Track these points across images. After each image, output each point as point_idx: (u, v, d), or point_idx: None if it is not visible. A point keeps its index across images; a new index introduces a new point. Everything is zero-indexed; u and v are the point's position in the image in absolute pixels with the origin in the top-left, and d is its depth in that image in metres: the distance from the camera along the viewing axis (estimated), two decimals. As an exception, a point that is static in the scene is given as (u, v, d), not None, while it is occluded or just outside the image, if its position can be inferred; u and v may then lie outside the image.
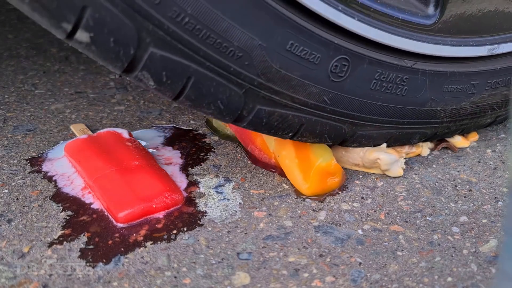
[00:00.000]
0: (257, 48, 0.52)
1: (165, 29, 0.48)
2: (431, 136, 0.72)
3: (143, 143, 0.71)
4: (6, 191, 0.63)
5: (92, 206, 0.61)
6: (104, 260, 0.53)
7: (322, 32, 0.56)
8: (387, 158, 0.67)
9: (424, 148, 0.74)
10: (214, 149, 0.73)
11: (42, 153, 0.71)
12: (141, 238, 0.56)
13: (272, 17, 0.52)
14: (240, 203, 0.63)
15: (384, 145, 0.68)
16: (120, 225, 0.58)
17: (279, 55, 0.54)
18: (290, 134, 0.60)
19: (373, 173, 0.70)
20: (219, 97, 0.53)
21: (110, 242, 0.56)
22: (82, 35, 0.44)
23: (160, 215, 0.60)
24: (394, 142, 0.69)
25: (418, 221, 0.61)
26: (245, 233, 0.58)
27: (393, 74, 0.62)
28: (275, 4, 0.52)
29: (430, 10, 0.63)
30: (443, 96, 0.67)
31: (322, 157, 0.64)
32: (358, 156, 0.68)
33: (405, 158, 0.71)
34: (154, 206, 0.60)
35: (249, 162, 0.70)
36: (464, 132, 0.76)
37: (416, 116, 0.67)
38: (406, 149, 0.71)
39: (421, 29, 0.63)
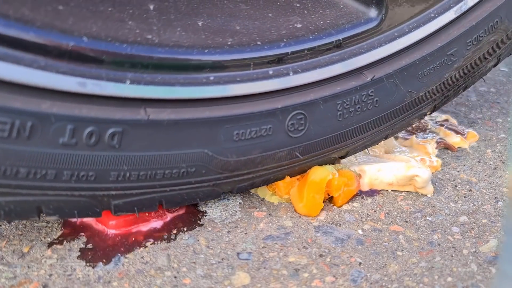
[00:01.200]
0: (206, 156, 0.52)
1: (114, 188, 0.50)
2: (432, 111, 0.66)
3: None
4: (6, 191, 0.63)
5: (92, 206, 0.61)
6: (104, 260, 0.53)
7: (262, 105, 0.54)
8: (426, 175, 0.63)
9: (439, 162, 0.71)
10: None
11: (42, 153, 0.70)
12: (141, 238, 0.56)
13: (204, 125, 0.51)
14: (240, 203, 0.63)
15: (414, 161, 0.64)
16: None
17: (230, 149, 0.53)
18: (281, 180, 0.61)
19: (404, 191, 0.65)
20: (196, 197, 0.56)
21: (110, 242, 0.56)
22: (50, 218, 0.50)
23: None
24: (392, 135, 0.66)
25: (418, 221, 0.61)
26: (245, 233, 0.58)
27: (355, 96, 0.57)
28: (204, 114, 0.51)
29: (372, 10, 0.57)
30: (421, 82, 0.61)
31: (314, 174, 0.60)
32: (391, 174, 0.64)
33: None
34: (154, 206, 0.60)
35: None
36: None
37: (401, 112, 0.62)
38: (428, 163, 0.68)
39: (371, 33, 0.57)
